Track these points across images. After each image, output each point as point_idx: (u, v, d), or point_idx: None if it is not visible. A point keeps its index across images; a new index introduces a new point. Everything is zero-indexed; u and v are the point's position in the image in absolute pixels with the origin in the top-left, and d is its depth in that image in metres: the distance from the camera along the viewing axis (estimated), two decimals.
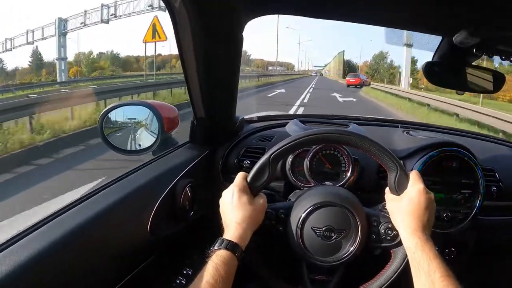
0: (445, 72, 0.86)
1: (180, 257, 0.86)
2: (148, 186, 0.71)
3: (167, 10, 0.65)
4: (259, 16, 0.72)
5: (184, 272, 0.85)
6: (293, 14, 0.72)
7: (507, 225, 0.95)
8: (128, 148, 0.95)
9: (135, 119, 0.96)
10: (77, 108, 6.07)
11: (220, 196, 0.63)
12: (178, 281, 0.84)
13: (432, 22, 0.78)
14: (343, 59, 50.22)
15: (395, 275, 0.60)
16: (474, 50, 0.79)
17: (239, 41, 0.72)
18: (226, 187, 0.63)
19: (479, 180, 0.87)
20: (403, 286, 0.53)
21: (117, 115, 0.95)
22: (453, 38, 0.79)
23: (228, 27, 0.69)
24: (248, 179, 0.62)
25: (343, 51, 50.73)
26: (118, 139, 0.95)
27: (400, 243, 0.59)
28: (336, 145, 0.84)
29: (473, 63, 0.91)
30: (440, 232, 0.86)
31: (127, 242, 0.65)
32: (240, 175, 0.63)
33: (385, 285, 0.61)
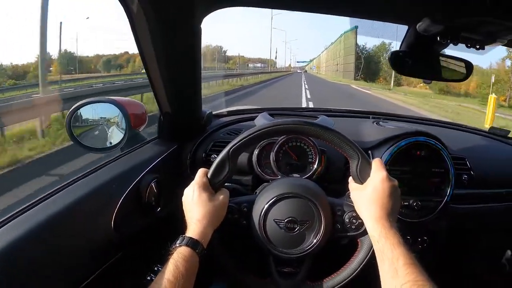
0: (412, 62, 0.86)
1: (151, 253, 0.85)
2: (112, 182, 0.70)
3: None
4: (217, 9, 0.71)
5: (155, 268, 0.84)
6: (251, 6, 0.71)
7: (479, 213, 0.96)
8: (99, 146, 0.94)
9: (105, 117, 0.96)
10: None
11: None
12: (148, 278, 0.83)
13: (396, 11, 0.78)
14: (356, 42, 29.93)
15: (363, 264, 0.60)
16: (438, 38, 0.79)
17: (197, 34, 0.71)
18: None
19: (449, 169, 0.87)
20: (372, 274, 0.53)
21: (86, 113, 0.94)
22: (417, 27, 0.79)
23: (185, 21, 0.68)
24: (208, 175, 0.61)
25: (356, 26, 28.24)
26: (90, 137, 0.94)
27: (366, 232, 0.59)
28: (302, 136, 0.83)
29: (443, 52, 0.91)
30: (412, 222, 0.87)
31: (92, 239, 0.64)
32: (200, 172, 0.62)
33: (354, 274, 0.61)
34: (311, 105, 9.33)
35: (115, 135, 0.93)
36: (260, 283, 0.64)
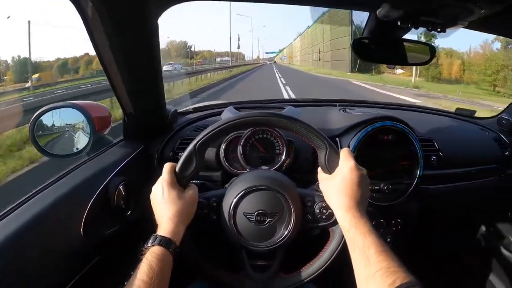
0: (375, 48, 0.86)
1: (126, 257, 0.84)
2: (79, 188, 0.69)
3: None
4: (173, 5, 0.69)
5: (132, 273, 0.83)
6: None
7: (449, 192, 0.99)
8: (65, 152, 0.91)
9: (70, 122, 0.93)
10: None
11: None
12: (126, 283, 0.82)
13: None
14: (351, 20, 21.52)
15: (335, 253, 0.60)
16: (399, 23, 0.79)
17: (154, 32, 0.69)
18: None
19: (417, 151, 0.89)
20: (346, 263, 0.53)
21: (50, 120, 0.91)
22: (377, 13, 0.79)
23: (141, 20, 0.66)
24: (176, 170, 0.60)
25: None
26: (56, 144, 0.92)
27: (337, 221, 0.59)
28: (268, 128, 0.83)
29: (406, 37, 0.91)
30: (384, 205, 0.88)
31: (64, 248, 0.63)
32: (166, 168, 0.60)
33: (326, 264, 0.61)
34: None
35: (81, 140, 0.90)
36: (233, 278, 0.64)
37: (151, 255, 0.52)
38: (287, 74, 20.54)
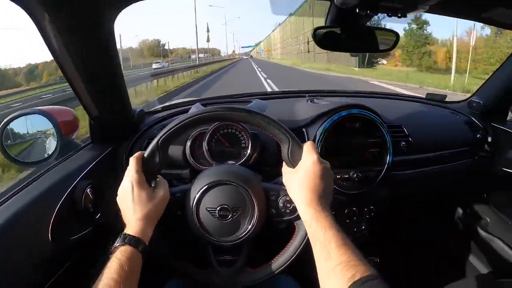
0: (336, 36, 0.86)
1: (99, 261, 0.84)
2: (46, 194, 0.68)
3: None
4: (126, 5, 0.68)
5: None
6: None
7: (422, 177, 0.99)
8: (34, 159, 0.91)
9: (38, 128, 0.93)
10: None
11: None
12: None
13: None
14: None
15: (300, 247, 0.60)
16: (357, 10, 0.79)
17: (110, 34, 0.68)
18: None
19: (386, 138, 0.89)
20: (312, 257, 0.52)
21: (18, 127, 0.90)
22: (335, 1, 0.79)
23: (95, 22, 0.65)
24: (143, 169, 0.60)
25: None
26: (28, 152, 0.91)
27: None
28: (232, 123, 0.83)
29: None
30: (355, 193, 0.89)
31: (32, 255, 0.62)
32: (134, 166, 0.60)
33: (292, 258, 0.61)
34: None
35: (50, 146, 0.90)
36: (200, 273, 0.64)
37: (121, 254, 0.52)
38: (270, 70, 17.27)
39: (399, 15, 0.84)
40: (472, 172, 1.08)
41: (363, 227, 0.98)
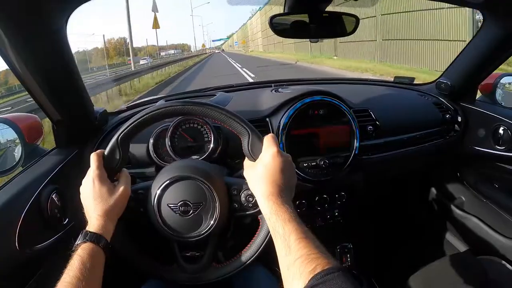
0: (295, 23, 0.85)
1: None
2: (9, 202, 0.68)
3: None
4: (76, 7, 0.67)
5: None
6: None
7: (393, 159, 1.00)
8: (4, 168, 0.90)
9: (4, 137, 0.92)
10: None
11: None
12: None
13: None
14: None
15: (265, 242, 0.60)
16: None
17: (63, 37, 0.68)
18: None
19: (351, 123, 0.90)
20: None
21: None
22: None
23: (45, 23, 0.64)
24: (104, 165, 0.60)
25: None
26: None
27: None
28: (193, 117, 0.83)
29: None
30: (324, 180, 0.89)
31: (1, 265, 0.62)
32: (94, 161, 0.59)
33: (257, 253, 0.61)
34: None
35: (16, 154, 0.89)
36: (165, 270, 0.64)
37: (82, 251, 0.52)
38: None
39: None
40: (444, 152, 1.09)
41: (336, 213, 0.99)
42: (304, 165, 0.87)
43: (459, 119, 1.08)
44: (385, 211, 1.21)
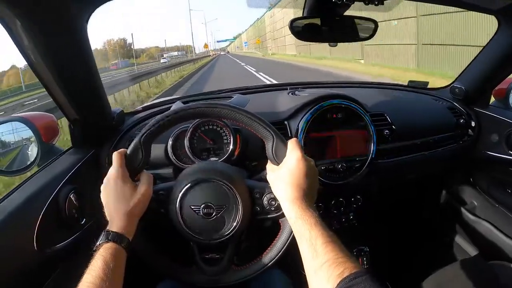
0: (314, 27, 0.86)
1: (87, 266, 0.84)
2: (28, 201, 0.67)
3: None
4: (97, 6, 0.67)
5: None
6: None
7: (407, 163, 1.00)
8: (18, 167, 0.90)
9: (20, 136, 0.91)
10: None
11: None
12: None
13: None
14: None
15: (285, 245, 0.60)
16: None
17: (84, 36, 0.68)
18: None
19: (369, 127, 0.90)
20: (297, 255, 0.52)
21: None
22: None
23: (67, 23, 0.64)
24: (127, 165, 0.60)
25: None
26: (9, 159, 0.90)
27: None
28: (213, 119, 0.82)
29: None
30: (341, 184, 0.89)
31: (19, 265, 0.62)
32: (117, 160, 0.59)
33: (278, 256, 0.61)
34: None
35: (32, 153, 0.89)
36: (184, 272, 0.64)
37: (105, 251, 0.51)
38: None
39: (376, 2, 0.84)
40: (457, 156, 1.10)
41: (351, 217, 0.99)
42: (322, 168, 0.87)
43: (473, 123, 1.08)
44: (398, 215, 1.21)
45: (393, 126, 0.96)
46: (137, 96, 8.96)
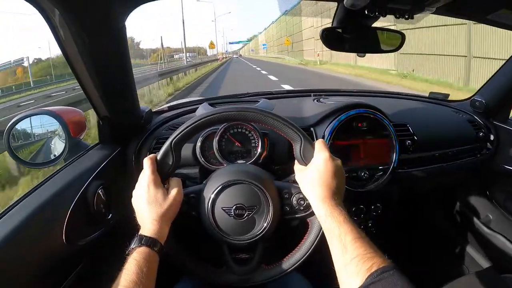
0: (343, 37, 0.87)
1: (112, 261, 0.85)
2: (57, 195, 0.68)
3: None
4: (139, 4, 0.68)
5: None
6: None
7: (426, 174, 1.01)
8: (42, 160, 0.91)
9: (46, 129, 0.92)
10: None
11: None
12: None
13: None
14: None
15: (314, 243, 0.61)
16: (366, 12, 0.80)
17: (122, 33, 0.69)
18: None
19: (392, 137, 0.91)
20: (325, 253, 0.54)
21: (26, 127, 0.90)
22: (344, 2, 0.79)
23: (107, 21, 0.65)
24: (158, 170, 0.60)
25: None
26: (35, 152, 0.91)
27: (314, 212, 0.59)
28: (242, 123, 0.83)
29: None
30: (362, 191, 0.90)
31: (47, 257, 0.62)
32: (149, 166, 0.60)
33: (307, 254, 0.62)
34: None
35: (59, 147, 0.90)
36: (216, 272, 0.65)
37: (138, 255, 0.52)
38: None
39: (406, 16, 0.85)
40: (475, 169, 1.10)
41: (370, 224, 1.00)
42: (345, 175, 0.88)
43: (492, 137, 1.09)
44: (413, 225, 1.22)
45: (415, 137, 0.97)
46: None
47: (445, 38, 7.47)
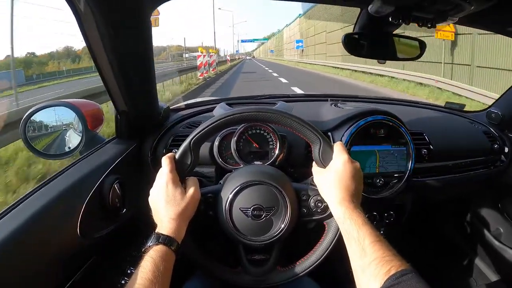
0: (365, 43, 0.87)
1: (122, 256, 0.84)
2: (73, 187, 0.68)
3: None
4: (165, 1, 0.68)
5: (128, 271, 0.83)
6: None
7: (440, 184, 1.00)
8: (57, 152, 0.91)
9: (62, 121, 0.92)
10: None
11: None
12: (123, 282, 0.82)
13: None
14: None
15: (331, 246, 0.61)
16: (390, 19, 0.80)
17: (147, 29, 0.69)
18: None
19: (409, 145, 0.90)
20: (341, 255, 0.53)
21: (42, 118, 0.90)
22: (369, 8, 0.79)
23: (133, 16, 0.66)
24: (176, 168, 0.60)
25: None
26: (49, 143, 0.91)
27: (331, 214, 0.60)
28: (261, 124, 0.83)
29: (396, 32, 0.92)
30: (377, 198, 0.90)
31: (61, 248, 0.62)
32: (167, 165, 0.59)
33: (323, 256, 0.62)
34: None
35: (74, 139, 0.89)
36: (231, 273, 0.65)
37: (155, 253, 0.52)
38: None
39: (429, 25, 0.85)
40: (488, 181, 1.10)
41: (382, 231, 0.99)
42: None
43: (506, 150, 1.08)
44: (424, 234, 1.22)
45: (431, 146, 0.97)
46: None
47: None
